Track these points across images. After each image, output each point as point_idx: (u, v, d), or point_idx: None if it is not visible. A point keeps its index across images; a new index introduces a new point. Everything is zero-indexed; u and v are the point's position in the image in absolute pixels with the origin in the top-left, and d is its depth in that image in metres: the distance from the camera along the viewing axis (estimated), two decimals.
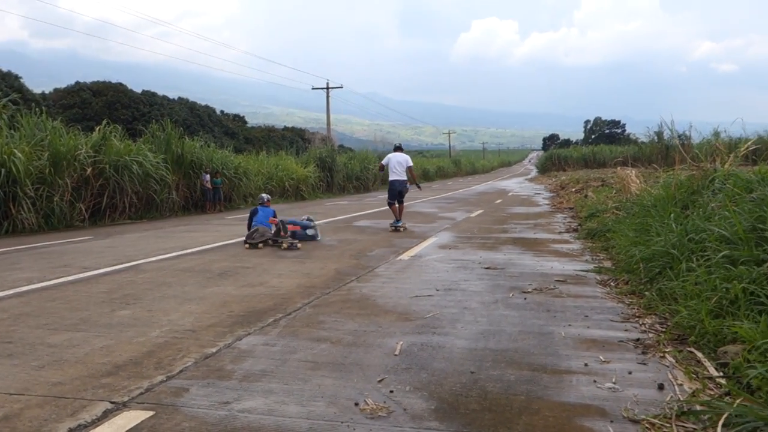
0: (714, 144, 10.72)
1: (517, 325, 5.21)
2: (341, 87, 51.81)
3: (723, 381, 3.74)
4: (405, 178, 13.52)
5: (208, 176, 22.36)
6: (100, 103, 54.66)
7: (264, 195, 12.45)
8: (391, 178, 13.52)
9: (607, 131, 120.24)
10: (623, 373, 3.98)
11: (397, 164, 13.41)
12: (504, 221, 15.74)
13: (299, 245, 10.93)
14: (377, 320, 5.42)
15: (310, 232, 11.92)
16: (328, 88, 50.74)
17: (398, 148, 13.99)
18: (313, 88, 51.82)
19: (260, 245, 11.16)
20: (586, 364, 4.16)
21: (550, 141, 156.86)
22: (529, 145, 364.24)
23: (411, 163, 13.67)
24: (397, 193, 13.55)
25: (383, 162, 13.70)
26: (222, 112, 76.64)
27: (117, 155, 18.44)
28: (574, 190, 26.33)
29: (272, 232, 11.39)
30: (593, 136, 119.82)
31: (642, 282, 6.52)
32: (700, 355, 4.22)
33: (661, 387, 3.72)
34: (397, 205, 13.61)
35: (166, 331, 5.09)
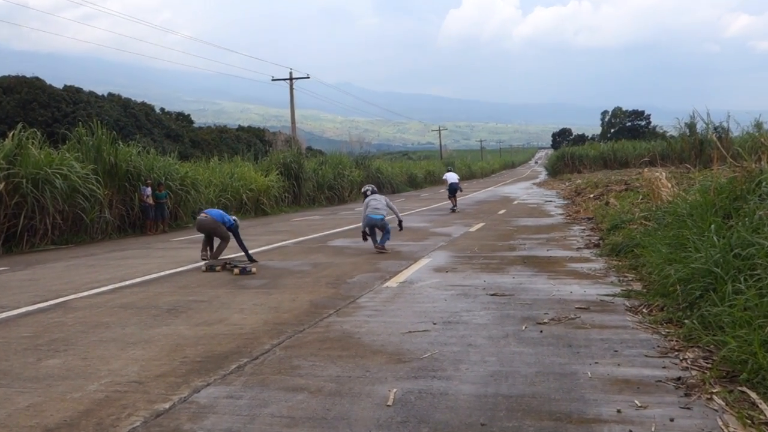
0: (758, 138, 10.88)
1: (534, 365, 5.24)
2: (308, 77, 51.84)
3: None
4: (457, 181, 27.72)
5: (149, 189, 22.18)
6: (13, 102, 54.32)
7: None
8: (450, 181, 27.38)
9: (629, 124, 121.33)
10: (664, 421, 4.02)
11: (454, 176, 27.98)
12: (510, 236, 15.83)
13: (254, 270, 11.08)
14: (364, 363, 5.43)
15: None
16: (291, 78, 50.76)
17: (450, 170, 31.02)
18: (273, 80, 51.79)
19: (218, 268, 11.37)
20: (619, 411, 4.19)
21: (561, 137, 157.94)
22: (536, 142, 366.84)
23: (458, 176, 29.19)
24: (453, 191, 27.16)
25: (444, 177, 29.93)
26: (163, 110, 76.42)
27: (36, 167, 18.30)
28: (592, 196, 26.52)
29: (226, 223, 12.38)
30: (612, 130, 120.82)
31: (680, 308, 6.58)
32: (754, 395, 4.27)
33: None
34: (453, 197, 27.26)
35: (107, 384, 5.06)
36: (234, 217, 12.90)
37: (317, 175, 39.34)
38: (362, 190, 14.77)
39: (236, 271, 11.05)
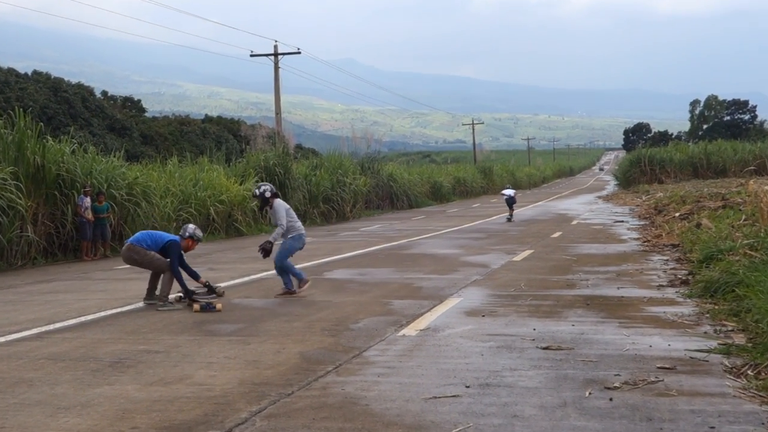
0: None
1: None
2: (298, 52, 51.88)
3: None
4: (513, 194, 36.44)
5: (87, 199, 22.09)
6: None
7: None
8: (506, 195, 36.14)
9: (728, 118, 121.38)
10: None
11: (510, 191, 36.67)
12: (568, 268, 15.82)
13: (219, 306, 11.13)
14: None
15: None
16: (276, 54, 50.84)
17: (507, 188, 38.47)
18: (252, 55, 51.94)
19: (190, 302, 11.64)
20: None
21: (637, 135, 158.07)
22: (603, 141, 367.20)
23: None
24: (510, 203, 35.77)
25: (501, 192, 39.15)
26: (105, 94, 76.84)
27: None
28: (677, 215, 26.49)
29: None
30: (705, 126, 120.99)
31: None
32: None
33: None
34: (510, 209, 36.28)
35: None
36: (193, 230, 12.45)
37: (309, 183, 39.26)
38: (260, 190, 12.98)
39: (196, 307, 11.07)
